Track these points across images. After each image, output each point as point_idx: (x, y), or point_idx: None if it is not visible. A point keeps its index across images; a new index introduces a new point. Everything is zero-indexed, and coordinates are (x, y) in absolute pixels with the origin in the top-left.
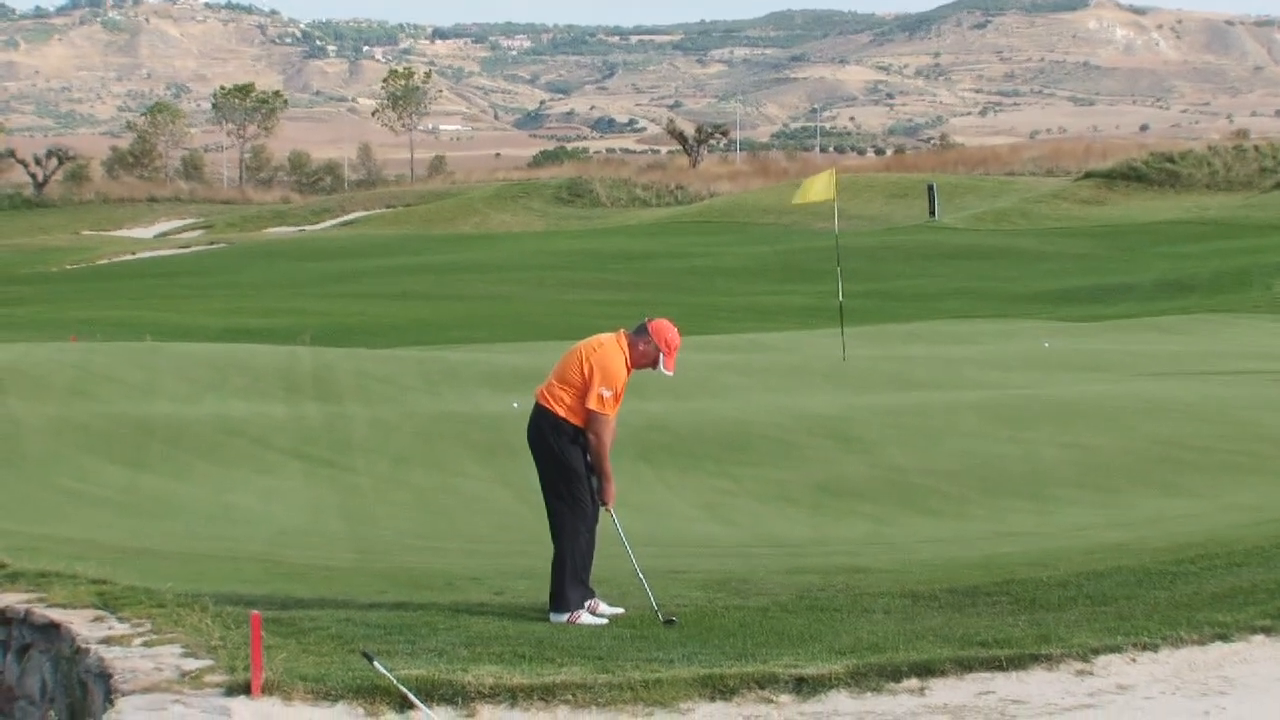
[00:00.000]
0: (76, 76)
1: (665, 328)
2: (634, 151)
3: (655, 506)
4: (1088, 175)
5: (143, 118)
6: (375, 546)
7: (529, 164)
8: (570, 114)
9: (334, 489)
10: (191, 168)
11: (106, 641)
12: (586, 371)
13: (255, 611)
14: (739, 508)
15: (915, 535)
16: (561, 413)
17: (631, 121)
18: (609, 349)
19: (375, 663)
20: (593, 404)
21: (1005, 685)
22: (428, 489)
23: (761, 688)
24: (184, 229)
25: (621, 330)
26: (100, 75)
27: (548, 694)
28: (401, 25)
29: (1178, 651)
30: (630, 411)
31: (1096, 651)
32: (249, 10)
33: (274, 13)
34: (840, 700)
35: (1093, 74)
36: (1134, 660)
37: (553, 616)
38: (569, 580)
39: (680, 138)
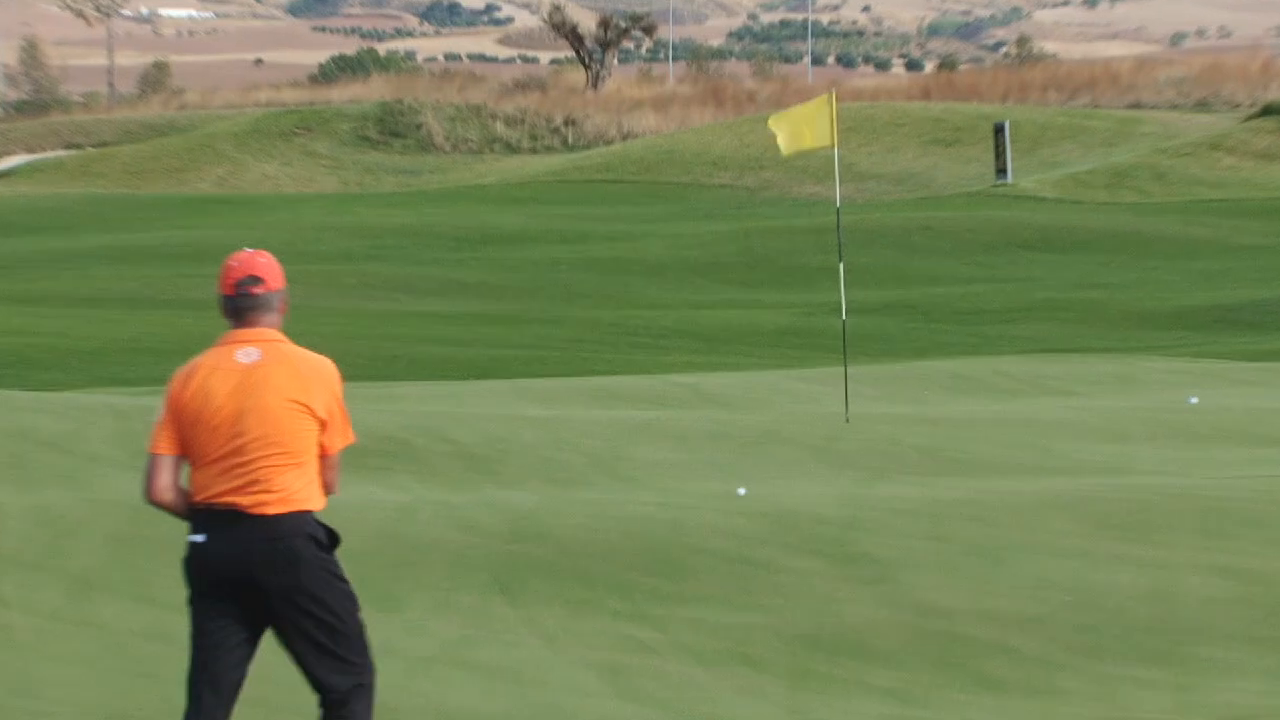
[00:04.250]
0: None
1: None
2: (493, 59)
3: (517, 670)
4: (1267, 111)
5: None
6: None
7: (312, 79)
8: None
9: None
10: None
11: None
12: (322, 405)
13: None
14: (665, 675)
15: None
16: (312, 504)
17: (489, 8)
18: (303, 352)
19: None
20: (343, 442)
21: None
22: (126, 632)
23: None
24: None
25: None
26: None
27: None
28: None
29: None
30: (476, 506)
31: None
32: None
33: None
34: None
35: None
36: None
37: None
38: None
39: (573, 37)
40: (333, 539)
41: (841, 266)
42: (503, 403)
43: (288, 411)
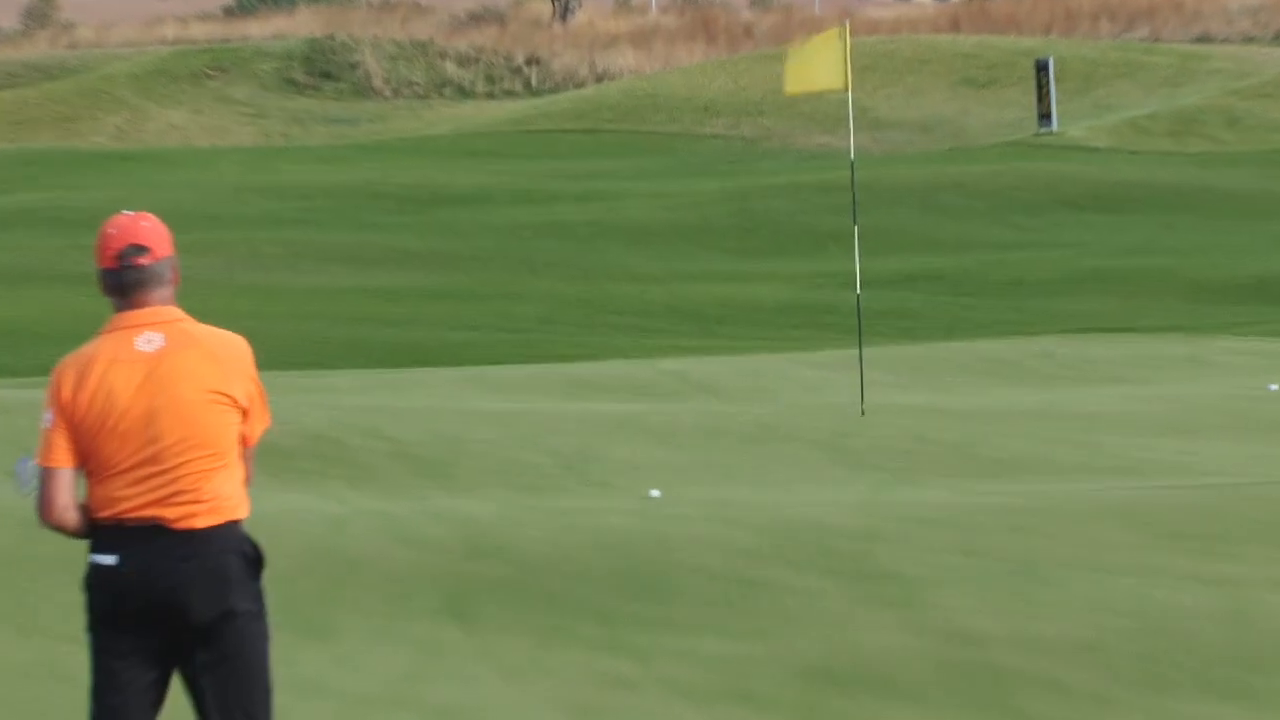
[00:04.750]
0: None
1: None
2: None
3: (474, 711)
4: None
5: None
6: None
7: (227, 11)
8: None
9: None
10: None
11: None
12: (243, 391)
13: None
14: (649, 715)
15: None
16: (242, 511)
17: None
18: (211, 330)
19: None
20: (263, 427)
21: None
22: (7, 669)
23: None
24: None
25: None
26: None
27: None
28: None
29: None
30: (423, 517)
31: None
32: None
33: None
34: None
35: None
36: None
37: None
38: None
39: None
40: (258, 556)
41: (856, 231)
42: (455, 394)
43: (208, 405)
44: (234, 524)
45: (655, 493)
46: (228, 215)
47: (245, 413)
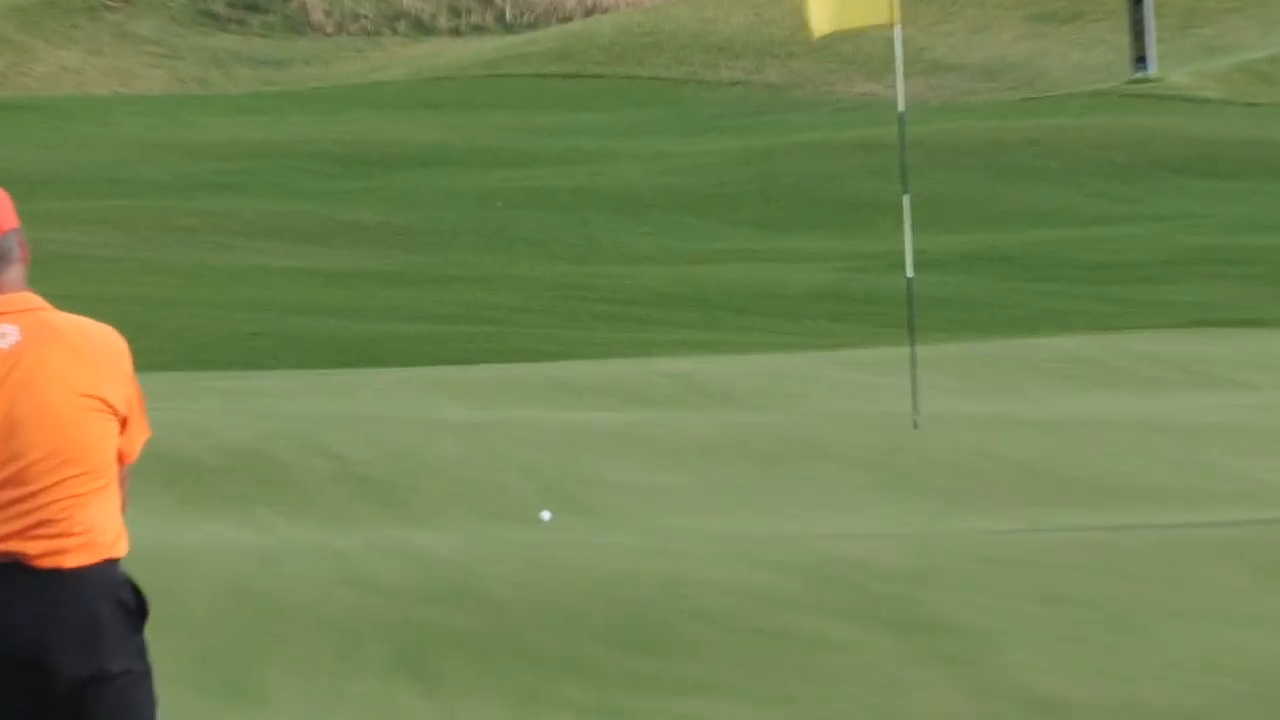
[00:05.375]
0: None
1: None
2: None
3: None
4: None
5: None
6: None
7: None
8: None
9: None
10: None
11: None
12: (120, 395)
13: None
14: None
15: None
16: (121, 547)
17: None
18: (77, 320)
19: None
20: (142, 439)
21: None
22: None
23: None
24: None
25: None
26: None
27: None
28: None
29: None
30: (372, 552)
31: None
32: None
33: None
34: None
35: None
36: None
37: None
38: None
39: None
40: (140, 604)
41: (906, 200)
42: (412, 401)
43: (80, 412)
44: (111, 563)
45: (546, 515)
46: (131, 179)
47: (124, 422)
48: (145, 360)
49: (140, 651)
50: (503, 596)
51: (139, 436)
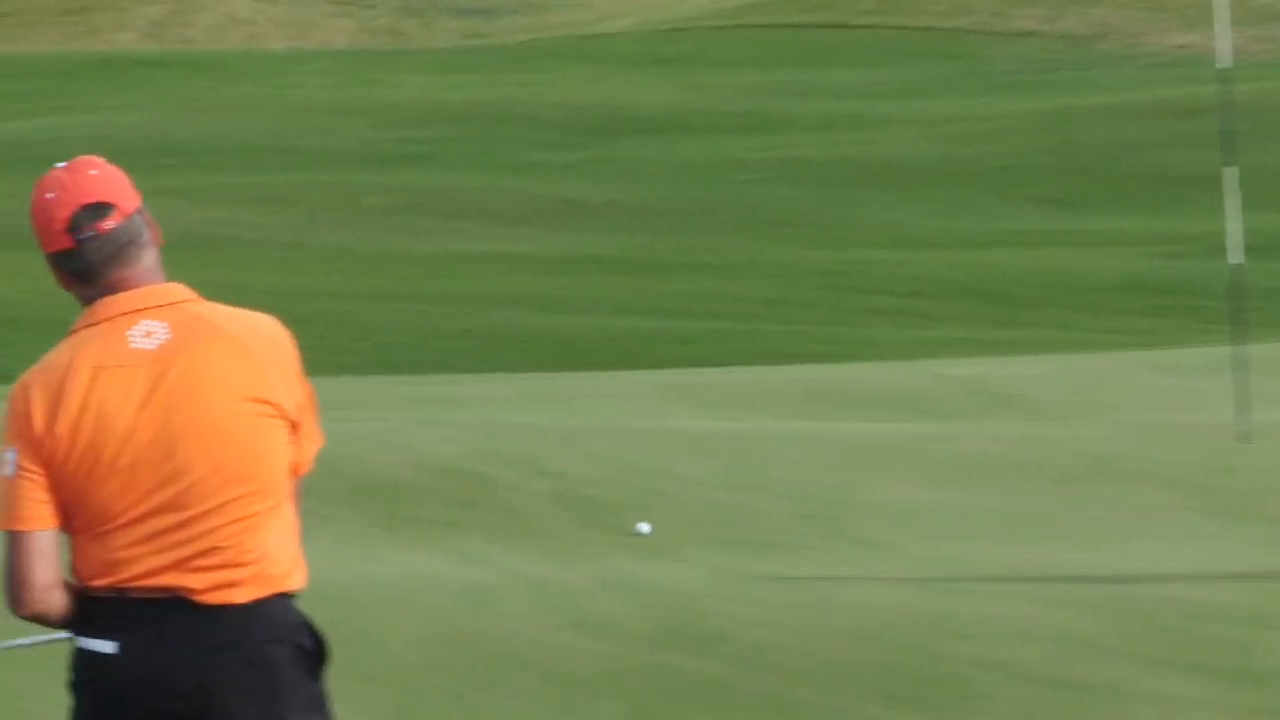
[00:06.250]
0: None
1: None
2: None
3: None
4: None
5: None
6: None
7: None
8: None
9: None
10: None
11: None
12: (290, 396)
13: None
14: None
15: None
16: (296, 579)
17: None
18: (234, 311)
19: None
20: (315, 448)
21: None
22: None
23: None
24: None
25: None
26: None
27: None
28: None
29: None
30: (599, 588)
31: None
32: None
33: None
34: None
35: None
36: None
37: None
38: None
39: None
40: (319, 647)
41: (1230, 173)
42: (645, 411)
43: (246, 420)
44: (285, 598)
45: (644, 527)
46: (309, 149)
47: (294, 427)
48: (323, 363)
49: (319, 702)
50: (753, 641)
51: (311, 444)
